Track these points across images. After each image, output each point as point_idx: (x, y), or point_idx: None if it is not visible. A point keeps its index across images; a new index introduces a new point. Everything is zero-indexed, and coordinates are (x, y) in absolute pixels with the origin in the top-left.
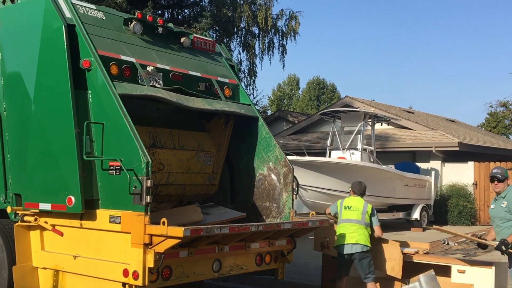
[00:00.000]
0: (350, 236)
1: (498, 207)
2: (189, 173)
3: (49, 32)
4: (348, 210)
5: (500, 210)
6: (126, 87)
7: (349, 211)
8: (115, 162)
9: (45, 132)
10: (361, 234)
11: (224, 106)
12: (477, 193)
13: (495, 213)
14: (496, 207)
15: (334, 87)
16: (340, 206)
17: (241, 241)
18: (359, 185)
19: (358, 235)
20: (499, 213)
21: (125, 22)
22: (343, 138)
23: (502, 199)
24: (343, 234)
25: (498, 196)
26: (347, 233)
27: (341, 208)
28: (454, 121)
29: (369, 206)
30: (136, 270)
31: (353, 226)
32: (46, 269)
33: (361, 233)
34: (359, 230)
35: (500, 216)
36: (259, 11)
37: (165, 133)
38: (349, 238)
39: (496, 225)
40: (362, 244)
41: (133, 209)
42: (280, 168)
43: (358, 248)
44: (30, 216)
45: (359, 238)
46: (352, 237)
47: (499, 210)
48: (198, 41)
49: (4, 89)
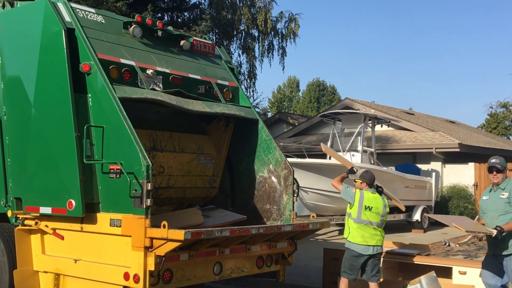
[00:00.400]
0: (371, 238)
1: (495, 199)
2: (189, 176)
3: (48, 36)
4: (369, 211)
5: (498, 202)
6: (126, 91)
7: (370, 213)
8: (115, 165)
9: (45, 136)
10: (381, 236)
11: (224, 108)
12: (478, 194)
13: (489, 205)
14: (492, 199)
15: (334, 89)
16: (360, 203)
17: (242, 244)
18: (370, 176)
19: (379, 237)
20: (497, 205)
21: (124, 26)
22: (344, 140)
23: (501, 190)
24: (364, 234)
25: (497, 187)
26: (369, 234)
27: (360, 206)
28: (454, 122)
29: (387, 206)
30: (137, 274)
31: (375, 229)
32: (47, 272)
33: (381, 234)
34: (380, 233)
35: (497, 208)
36: (258, 13)
37: (165, 136)
38: (371, 240)
39: (490, 217)
40: (381, 245)
41: (133, 212)
42: (280, 170)
43: (379, 249)
44: (30, 220)
45: (379, 239)
46: (373, 239)
47: (496, 201)
48: (198, 44)
49: (4, 93)
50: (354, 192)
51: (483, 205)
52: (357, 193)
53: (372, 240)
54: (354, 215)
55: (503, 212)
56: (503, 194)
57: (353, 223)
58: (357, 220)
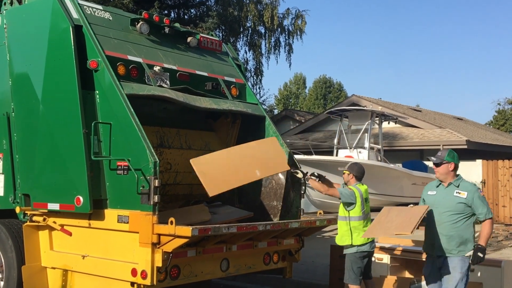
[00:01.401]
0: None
1: (447, 196)
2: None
3: (56, 33)
4: (366, 203)
5: (451, 200)
6: (134, 87)
7: (367, 204)
8: (123, 162)
9: (53, 133)
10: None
11: (231, 105)
12: (486, 191)
13: (438, 201)
14: (442, 195)
15: (340, 85)
16: (361, 199)
17: (249, 240)
18: (360, 168)
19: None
20: (449, 202)
21: (132, 23)
22: (350, 136)
23: (455, 188)
24: (366, 230)
25: (448, 184)
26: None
27: (362, 202)
28: (462, 119)
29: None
30: (145, 270)
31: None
32: (55, 268)
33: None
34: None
35: (449, 206)
36: (265, 10)
37: (172, 133)
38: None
39: (438, 213)
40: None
41: (141, 208)
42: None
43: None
44: (38, 216)
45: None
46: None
47: (449, 199)
48: (205, 40)
49: (12, 89)
50: (353, 191)
51: (428, 200)
52: (355, 191)
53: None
54: (358, 213)
55: (457, 211)
56: (460, 193)
57: (356, 223)
58: (362, 217)
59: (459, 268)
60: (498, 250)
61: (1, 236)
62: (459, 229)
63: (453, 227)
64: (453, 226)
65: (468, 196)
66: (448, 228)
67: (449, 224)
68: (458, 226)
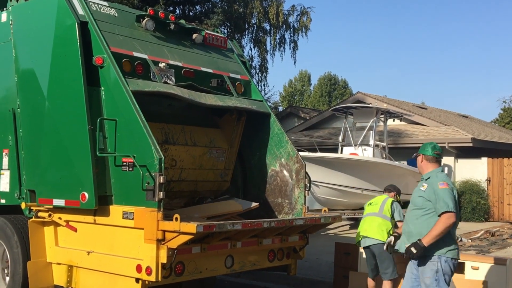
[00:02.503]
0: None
1: (416, 190)
2: (201, 169)
3: (62, 29)
4: (369, 206)
5: (415, 195)
6: (139, 84)
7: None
8: (128, 158)
9: (59, 129)
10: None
11: (236, 102)
12: (491, 189)
13: (412, 197)
14: (415, 190)
15: (345, 82)
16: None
17: (254, 237)
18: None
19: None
20: (414, 197)
21: (137, 19)
22: (355, 134)
23: (423, 181)
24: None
25: (422, 178)
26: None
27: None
28: (467, 116)
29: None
30: (150, 266)
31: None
32: (60, 264)
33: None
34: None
35: (413, 201)
36: (270, 7)
37: (177, 130)
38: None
39: (408, 210)
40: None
41: (146, 205)
42: (292, 164)
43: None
44: (44, 212)
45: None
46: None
47: (414, 194)
48: (210, 37)
49: (18, 86)
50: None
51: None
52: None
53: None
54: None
55: (418, 207)
56: (422, 186)
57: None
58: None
59: (427, 272)
60: (503, 248)
61: (7, 232)
62: (419, 225)
63: (413, 223)
64: (414, 222)
65: (427, 189)
66: (409, 225)
67: (411, 220)
68: (418, 222)
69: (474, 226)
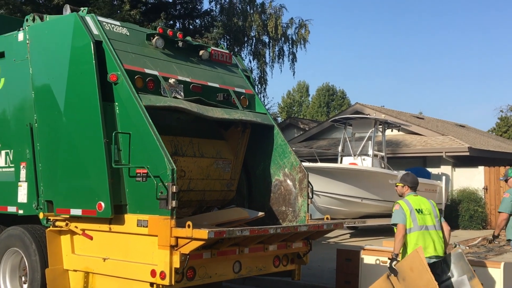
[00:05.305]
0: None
1: None
2: (208, 179)
3: (78, 48)
4: (420, 214)
5: None
6: (151, 99)
7: (420, 215)
8: (142, 169)
9: (75, 142)
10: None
11: (242, 115)
12: (488, 198)
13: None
14: None
15: (343, 93)
16: (409, 209)
17: (260, 243)
18: (413, 178)
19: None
20: None
21: (147, 37)
22: (354, 144)
23: None
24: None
25: None
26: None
27: (411, 212)
28: (464, 126)
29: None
30: (163, 271)
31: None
32: (77, 271)
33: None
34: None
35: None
36: (269, 20)
37: (186, 142)
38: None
39: None
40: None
41: (159, 213)
42: (295, 173)
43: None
44: (61, 222)
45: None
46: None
47: None
48: (216, 53)
49: (35, 102)
50: (397, 210)
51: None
52: (401, 205)
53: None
54: (409, 225)
55: None
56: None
57: (409, 236)
58: (415, 229)
59: None
60: (500, 254)
61: (25, 241)
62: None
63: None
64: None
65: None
66: None
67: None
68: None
69: (472, 234)
